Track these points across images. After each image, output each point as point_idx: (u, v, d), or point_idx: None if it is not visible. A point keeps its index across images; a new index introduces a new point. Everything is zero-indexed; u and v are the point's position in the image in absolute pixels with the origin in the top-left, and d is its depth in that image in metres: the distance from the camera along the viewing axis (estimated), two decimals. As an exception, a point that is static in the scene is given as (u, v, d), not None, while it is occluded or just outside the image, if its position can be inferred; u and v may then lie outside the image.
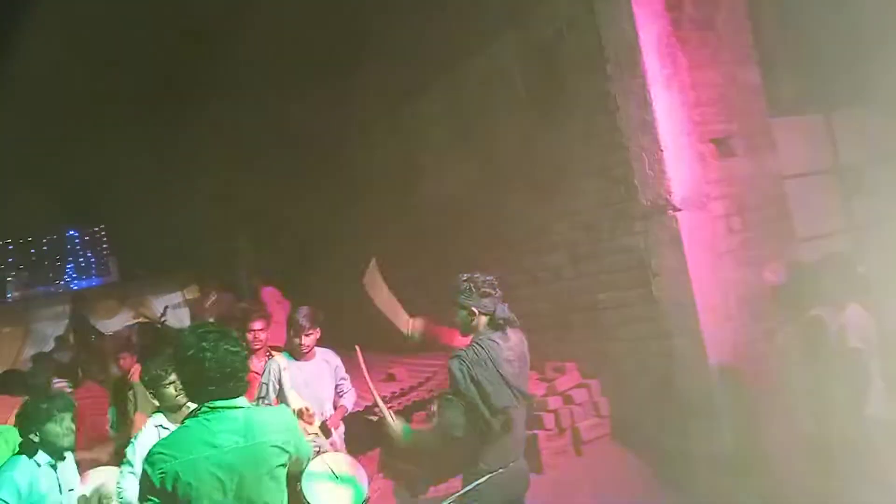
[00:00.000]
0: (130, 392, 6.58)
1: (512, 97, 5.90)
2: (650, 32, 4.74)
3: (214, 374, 2.57)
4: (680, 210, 4.62)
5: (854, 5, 5.20)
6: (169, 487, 2.48)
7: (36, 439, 3.59)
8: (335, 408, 4.99)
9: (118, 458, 4.84)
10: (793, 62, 5.50)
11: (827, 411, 3.91)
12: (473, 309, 3.53)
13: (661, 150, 4.64)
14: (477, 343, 3.46)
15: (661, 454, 4.85)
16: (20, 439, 3.73)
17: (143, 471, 2.54)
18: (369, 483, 4.19)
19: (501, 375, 3.38)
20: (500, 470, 3.38)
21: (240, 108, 9.20)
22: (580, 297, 5.47)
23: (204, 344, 2.59)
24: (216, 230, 13.00)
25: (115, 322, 13.22)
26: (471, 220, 6.61)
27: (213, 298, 8.50)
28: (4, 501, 3.40)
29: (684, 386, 4.68)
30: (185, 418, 2.73)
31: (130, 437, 6.19)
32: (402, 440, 3.60)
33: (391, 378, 6.76)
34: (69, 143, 11.83)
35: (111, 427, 6.35)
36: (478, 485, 3.34)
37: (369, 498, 4.32)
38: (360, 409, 5.41)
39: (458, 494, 3.37)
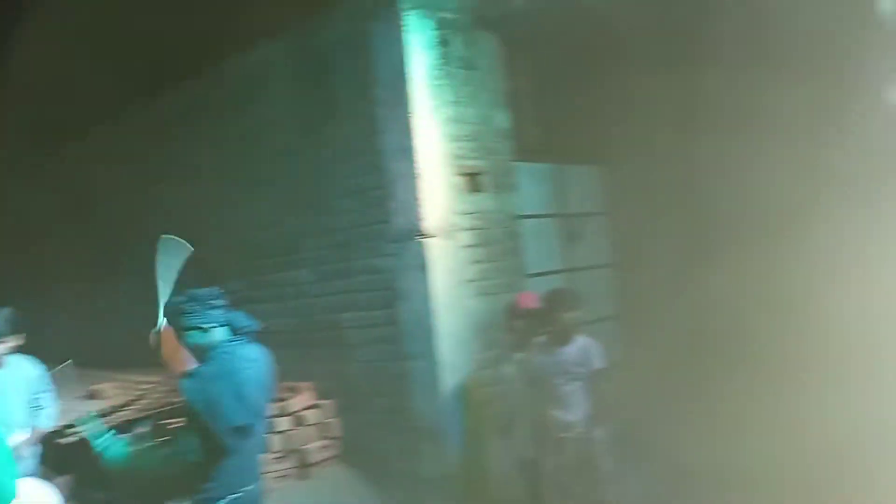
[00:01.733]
0: None
1: (276, 104, 5.67)
2: (419, 63, 4.87)
3: None
4: (430, 237, 4.76)
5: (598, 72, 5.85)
6: None
7: None
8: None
9: None
10: (537, 113, 6.01)
11: (545, 436, 4.24)
12: (202, 325, 3.25)
13: (418, 178, 4.75)
14: (213, 357, 3.19)
15: (391, 477, 4.89)
16: None
17: None
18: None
19: (240, 392, 3.14)
20: (239, 494, 3.12)
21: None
22: (324, 316, 5.37)
23: None
24: None
25: None
26: (215, 229, 6.19)
27: None
28: None
29: (418, 408, 4.79)
30: None
31: None
32: (118, 462, 3.17)
33: (95, 395, 6.03)
34: None
35: None
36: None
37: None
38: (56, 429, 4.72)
39: None
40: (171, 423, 4.73)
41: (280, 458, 4.87)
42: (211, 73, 6.18)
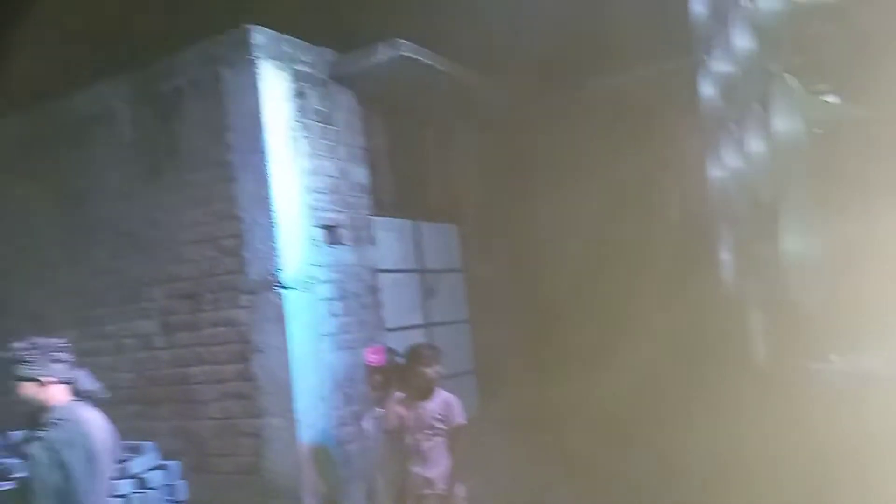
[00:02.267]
0: None
1: (118, 145, 5.40)
2: (275, 112, 4.86)
3: None
4: (287, 288, 4.68)
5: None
6: None
7: None
8: None
9: None
10: (394, 170, 6.13)
11: (406, 493, 4.19)
12: (41, 379, 2.99)
13: (273, 227, 4.69)
14: (60, 419, 2.92)
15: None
16: None
17: None
18: None
19: (93, 461, 2.88)
20: None
21: None
22: (170, 370, 5.10)
23: None
24: None
25: None
26: (48, 275, 5.74)
27: None
28: None
29: (271, 467, 4.61)
30: None
31: None
32: None
33: None
34: None
35: None
36: None
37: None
38: None
39: None
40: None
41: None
42: (48, 107, 5.79)
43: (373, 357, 4.39)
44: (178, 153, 5.11)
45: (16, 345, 2.94)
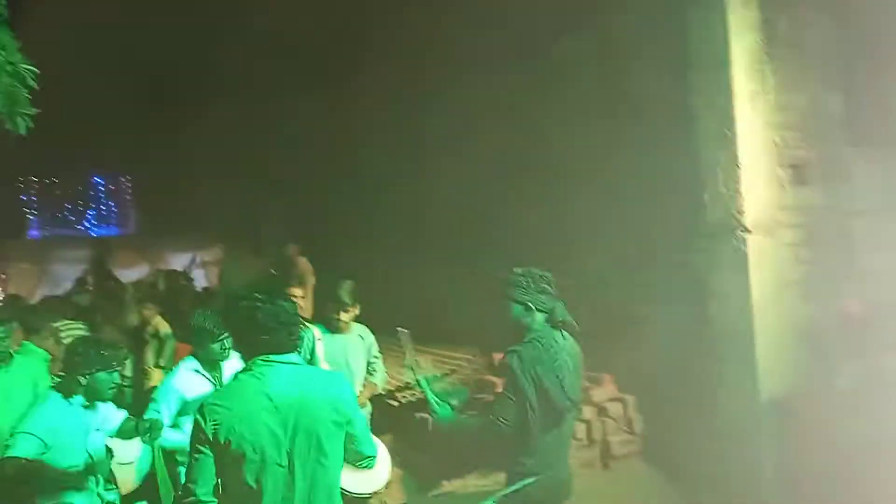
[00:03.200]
0: (154, 342, 6.50)
1: (581, 95, 5.72)
2: (741, 45, 4.57)
3: (268, 325, 2.49)
4: (749, 232, 4.46)
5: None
6: (222, 439, 2.39)
7: (83, 382, 3.47)
8: (364, 386, 4.89)
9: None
10: (878, 93, 5.29)
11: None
12: (529, 304, 3.42)
13: (738, 168, 4.47)
14: (536, 340, 3.34)
15: (694, 479, 4.70)
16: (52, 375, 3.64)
17: (195, 421, 2.45)
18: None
19: (558, 377, 3.28)
20: (550, 474, 3.26)
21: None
22: (626, 309, 5.30)
23: (257, 295, 2.53)
24: (244, 196, 12.96)
25: (131, 273, 13.21)
26: (518, 216, 6.45)
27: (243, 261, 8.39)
28: (37, 437, 3.30)
29: (729, 413, 4.52)
30: (237, 373, 2.64)
31: (144, 387, 6.17)
32: (446, 422, 3.46)
33: (412, 367, 6.64)
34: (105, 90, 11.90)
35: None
36: (525, 485, 3.22)
37: (390, 482, 4.22)
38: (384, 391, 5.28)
39: (504, 492, 3.25)
40: (483, 397, 5.06)
41: (582, 446, 4.94)
42: (517, 65, 6.41)
43: (852, 309, 3.97)
44: (636, 97, 5.19)
45: (516, 270, 3.40)
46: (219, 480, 2.44)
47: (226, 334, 3.83)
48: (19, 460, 3.25)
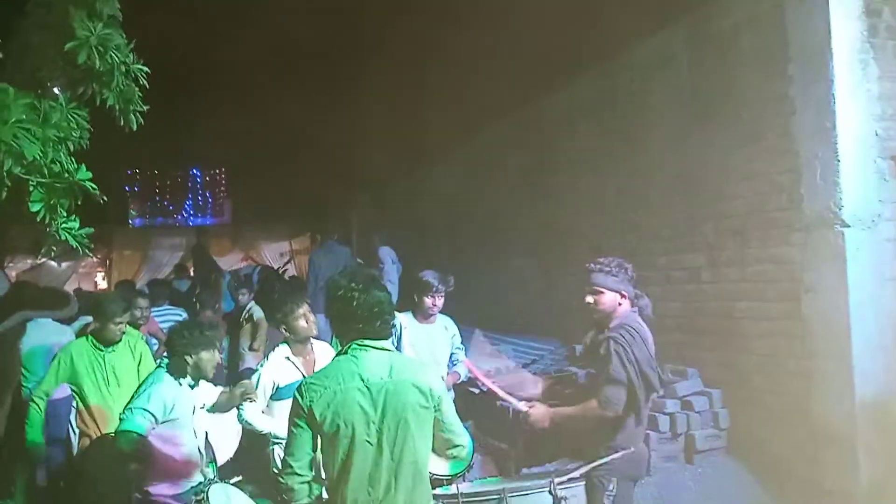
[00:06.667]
0: (248, 325, 6.83)
1: (673, 89, 5.67)
2: (843, 35, 4.44)
3: (363, 314, 2.65)
4: (847, 226, 4.33)
5: None
6: (318, 415, 2.56)
7: (190, 361, 3.72)
8: (447, 375, 5.02)
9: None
10: None
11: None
12: (622, 292, 3.56)
13: (838, 161, 4.35)
14: (627, 325, 3.48)
15: (782, 479, 4.62)
16: (166, 357, 3.88)
17: (294, 398, 2.65)
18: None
19: (651, 360, 3.45)
20: (632, 449, 3.39)
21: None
22: (715, 303, 5.24)
23: (353, 285, 2.69)
24: (333, 188, 13.39)
25: (225, 261, 13.84)
26: (604, 209, 6.47)
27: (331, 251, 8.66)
28: (150, 413, 3.53)
29: (822, 412, 4.42)
30: (335, 355, 2.83)
31: (239, 370, 6.50)
32: (548, 424, 3.60)
33: (495, 356, 6.75)
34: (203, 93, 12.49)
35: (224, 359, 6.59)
36: (613, 458, 3.35)
37: (471, 466, 4.32)
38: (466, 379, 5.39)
39: (595, 464, 3.36)
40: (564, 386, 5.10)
41: (665, 439, 4.92)
42: (608, 65, 6.44)
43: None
44: (733, 90, 5.10)
45: (603, 260, 3.53)
46: (313, 455, 2.62)
47: (303, 310, 4.16)
48: (132, 434, 3.49)
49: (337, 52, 10.73)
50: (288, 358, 4.27)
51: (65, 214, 2.74)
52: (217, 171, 19.98)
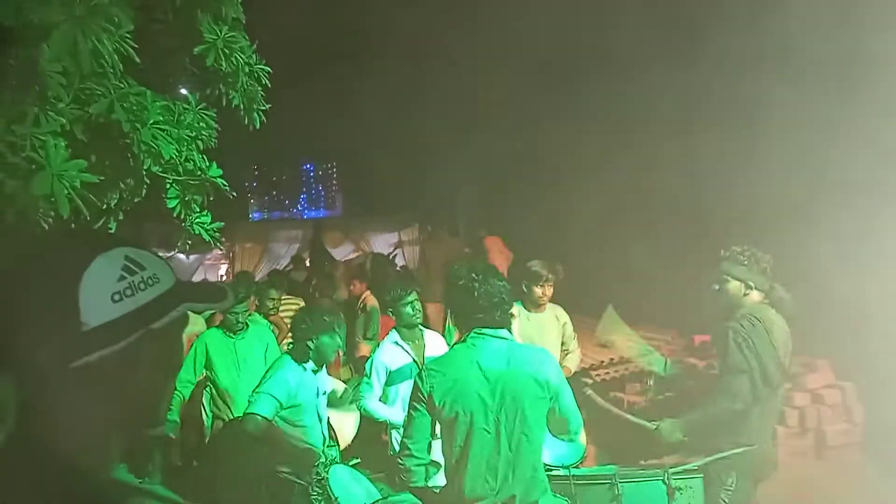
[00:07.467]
0: (362, 315, 7.02)
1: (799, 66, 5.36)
2: None
3: (483, 303, 2.67)
4: None
5: None
6: (437, 401, 2.60)
7: (312, 346, 3.84)
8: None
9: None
10: None
11: None
12: (749, 283, 3.44)
13: None
14: (751, 315, 3.36)
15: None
16: (289, 342, 4.03)
17: (415, 383, 2.70)
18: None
19: (774, 352, 3.29)
20: (754, 445, 3.25)
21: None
22: (850, 296, 4.91)
23: (474, 275, 2.71)
24: (440, 179, 13.50)
25: (338, 252, 14.27)
26: (729, 196, 6.20)
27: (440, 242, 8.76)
28: (275, 398, 3.65)
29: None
30: (453, 343, 2.86)
31: (353, 358, 6.68)
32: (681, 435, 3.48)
33: (607, 346, 6.62)
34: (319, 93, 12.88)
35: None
36: (734, 453, 3.22)
37: (584, 458, 4.26)
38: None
39: (716, 458, 3.26)
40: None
41: (794, 434, 4.70)
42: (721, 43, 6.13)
43: None
44: (866, 59, 4.76)
45: (735, 248, 3.42)
46: (432, 440, 2.67)
47: (411, 298, 4.23)
48: (258, 417, 3.59)
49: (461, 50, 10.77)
50: (397, 343, 4.34)
51: (197, 210, 2.90)
52: (329, 165, 20.62)
